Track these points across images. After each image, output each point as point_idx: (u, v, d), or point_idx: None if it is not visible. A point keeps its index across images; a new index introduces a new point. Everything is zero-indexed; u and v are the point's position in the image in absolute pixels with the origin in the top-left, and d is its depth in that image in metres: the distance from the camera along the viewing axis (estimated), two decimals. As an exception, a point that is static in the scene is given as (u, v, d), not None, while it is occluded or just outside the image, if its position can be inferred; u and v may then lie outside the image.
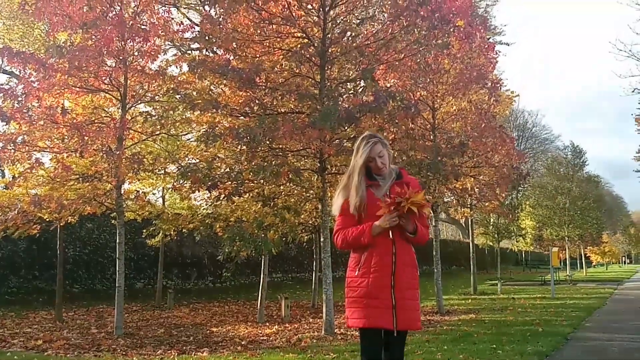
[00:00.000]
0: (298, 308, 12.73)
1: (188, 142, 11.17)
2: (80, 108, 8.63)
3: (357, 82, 9.93)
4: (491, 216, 24.33)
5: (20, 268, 12.31)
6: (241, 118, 8.78)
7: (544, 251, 42.20)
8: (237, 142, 7.97)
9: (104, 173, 8.49)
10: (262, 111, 8.60)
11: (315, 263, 13.59)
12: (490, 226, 25.47)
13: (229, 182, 8.25)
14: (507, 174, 12.25)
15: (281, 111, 8.77)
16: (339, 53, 8.57)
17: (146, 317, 10.92)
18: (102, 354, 6.73)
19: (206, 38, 8.14)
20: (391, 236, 2.98)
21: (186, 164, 8.87)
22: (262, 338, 8.17)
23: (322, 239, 8.70)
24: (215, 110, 8.22)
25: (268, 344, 7.51)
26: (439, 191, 11.56)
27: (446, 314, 11.31)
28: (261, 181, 8.46)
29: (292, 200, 10.04)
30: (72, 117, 8.28)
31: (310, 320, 10.53)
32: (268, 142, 8.07)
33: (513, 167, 12.64)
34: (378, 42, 8.59)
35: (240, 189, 8.42)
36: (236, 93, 8.64)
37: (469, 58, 11.42)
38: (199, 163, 8.79)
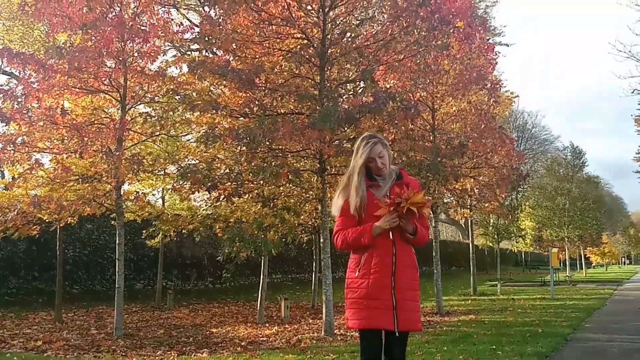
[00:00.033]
0: (298, 309, 12.72)
1: (188, 143, 11.17)
2: (79, 109, 8.62)
3: (357, 83, 9.94)
4: (491, 217, 24.39)
5: (20, 269, 12.30)
6: (241, 119, 8.78)
7: (544, 252, 42.20)
8: (237, 143, 7.97)
9: (104, 174, 8.49)
10: (262, 112, 8.61)
11: (315, 264, 13.57)
12: (490, 227, 25.54)
13: (229, 183, 8.24)
14: (507, 175, 12.25)
15: (281, 112, 8.78)
16: (339, 54, 8.57)
17: (146, 318, 10.91)
18: (102, 355, 6.72)
19: (206, 39, 8.14)
20: (391, 237, 2.97)
21: (186, 165, 8.85)
22: (262, 339, 8.17)
23: (322, 240, 8.70)
24: (215, 111, 8.21)
25: (268, 345, 7.51)
26: (439, 192, 11.57)
27: (446, 315, 11.32)
28: (261, 182, 8.46)
29: (292, 201, 10.05)
30: (72, 118, 8.27)
31: (310, 321, 10.52)
32: (268, 143, 8.07)
33: (513, 168, 12.65)
34: (378, 43, 8.59)
35: (240, 190, 8.42)
36: (236, 94, 8.64)
37: (469, 59, 11.44)
38: (199, 164, 8.77)
